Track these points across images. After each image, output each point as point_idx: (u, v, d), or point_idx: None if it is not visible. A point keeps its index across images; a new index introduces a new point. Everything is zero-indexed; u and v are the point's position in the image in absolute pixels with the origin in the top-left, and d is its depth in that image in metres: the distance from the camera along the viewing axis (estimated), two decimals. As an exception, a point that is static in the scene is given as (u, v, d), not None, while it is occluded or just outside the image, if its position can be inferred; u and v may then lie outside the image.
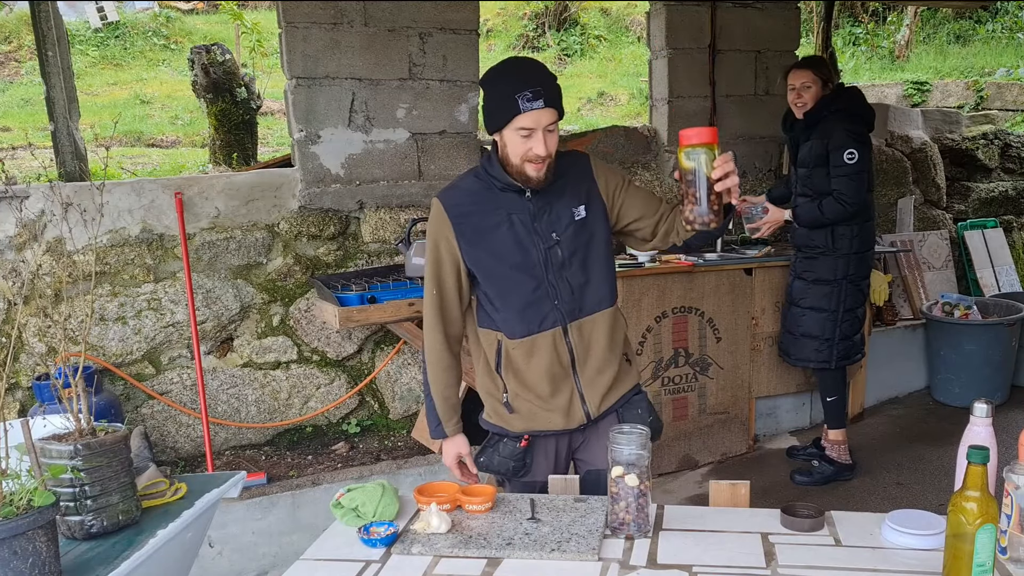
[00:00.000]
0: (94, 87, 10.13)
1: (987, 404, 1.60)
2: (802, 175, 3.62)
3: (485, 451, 2.16)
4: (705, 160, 1.67)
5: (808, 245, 3.68)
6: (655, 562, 1.58)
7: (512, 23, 12.64)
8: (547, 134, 1.90)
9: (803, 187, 3.62)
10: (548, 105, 1.87)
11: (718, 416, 4.10)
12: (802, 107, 3.57)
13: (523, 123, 1.87)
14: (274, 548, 3.32)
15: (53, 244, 3.38)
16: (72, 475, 1.60)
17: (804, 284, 3.73)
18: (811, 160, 3.55)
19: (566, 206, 2.01)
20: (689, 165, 1.68)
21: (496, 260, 2.00)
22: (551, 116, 1.89)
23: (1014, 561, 1.49)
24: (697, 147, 1.67)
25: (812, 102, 3.54)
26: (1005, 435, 1.93)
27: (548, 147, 1.90)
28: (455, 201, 2.04)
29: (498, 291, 2.03)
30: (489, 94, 1.95)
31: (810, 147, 3.55)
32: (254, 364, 3.79)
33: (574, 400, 2.06)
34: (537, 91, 1.85)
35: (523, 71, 1.91)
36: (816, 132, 3.53)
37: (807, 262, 3.70)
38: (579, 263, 2.02)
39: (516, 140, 1.91)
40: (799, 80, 3.56)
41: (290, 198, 3.75)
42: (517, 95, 1.85)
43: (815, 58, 3.80)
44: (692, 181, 1.69)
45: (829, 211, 3.51)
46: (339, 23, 3.71)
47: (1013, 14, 10.91)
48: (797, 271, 3.78)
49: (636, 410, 2.14)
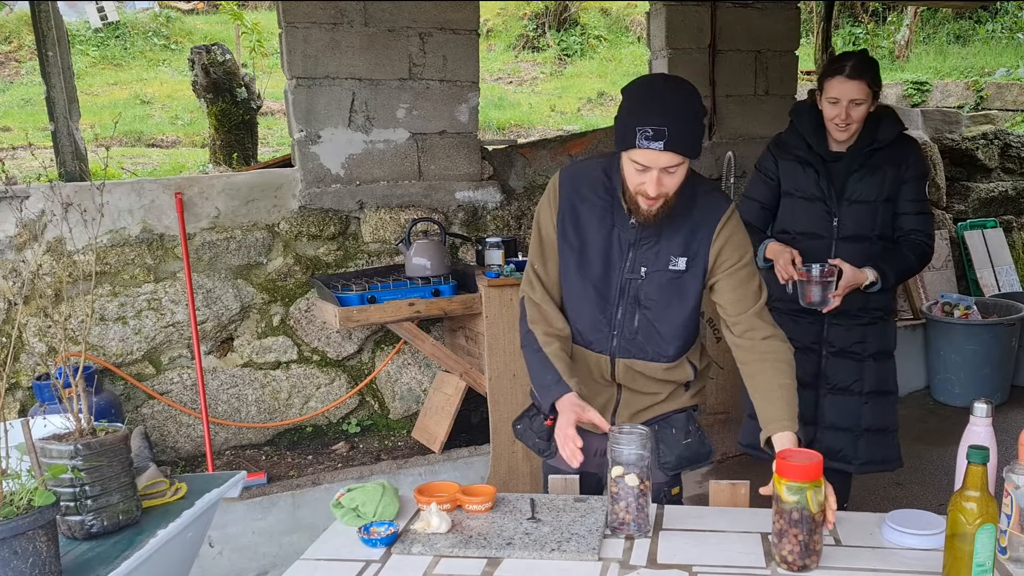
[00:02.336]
0: (94, 87, 10.14)
1: (987, 404, 1.60)
2: (853, 213, 2.68)
3: (522, 419, 2.13)
4: (811, 496, 1.49)
5: (866, 308, 2.73)
6: (655, 562, 1.58)
7: (512, 23, 12.65)
8: (664, 174, 1.74)
9: (854, 228, 2.69)
10: (668, 148, 1.69)
11: (718, 416, 4.09)
12: (848, 129, 2.59)
13: (638, 158, 1.74)
14: (274, 548, 3.32)
15: (53, 244, 3.38)
16: (72, 475, 1.60)
17: (855, 363, 2.78)
18: (877, 193, 2.66)
19: (669, 250, 1.88)
20: (791, 500, 1.50)
21: (578, 261, 1.93)
22: (671, 160, 1.72)
23: (1014, 561, 1.49)
24: (804, 484, 1.49)
25: (861, 124, 2.61)
26: (1005, 435, 1.93)
27: (662, 188, 1.76)
28: (574, 182, 1.93)
29: (568, 291, 1.97)
30: (620, 112, 1.80)
31: (881, 177, 2.65)
32: (254, 364, 3.79)
33: (608, 407, 2.02)
34: (660, 131, 1.68)
35: (653, 102, 1.73)
36: (880, 158, 2.65)
37: (861, 331, 2.76)
38: (656, 310, 1.92)
39: (631, 169, 1.78)
40: (849, 93, 2.53)
41: (290, 198, 3.75)
42: (638, 128, 1.70)
43: (866, 60, 2.60)
44: (798, 520, 1.51)
45: (919, 260, 2.69)
46: (339, 23, 3.71)
47: (1013, 14, 10.91)
48: (839, 345, 2.77)
49: (671, 429, 2.02)
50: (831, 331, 2.75)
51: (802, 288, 2.58)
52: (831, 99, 2.56)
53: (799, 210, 2.73)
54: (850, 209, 2.68)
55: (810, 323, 2.75)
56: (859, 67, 2.53)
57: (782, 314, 2.58)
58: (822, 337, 2.76)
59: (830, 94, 2.56)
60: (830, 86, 2.56)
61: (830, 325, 2.74)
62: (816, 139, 2.68)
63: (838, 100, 2.54)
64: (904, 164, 2.66)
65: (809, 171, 2.70)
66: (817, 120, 2.68)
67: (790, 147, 2.75)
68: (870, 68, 2.56)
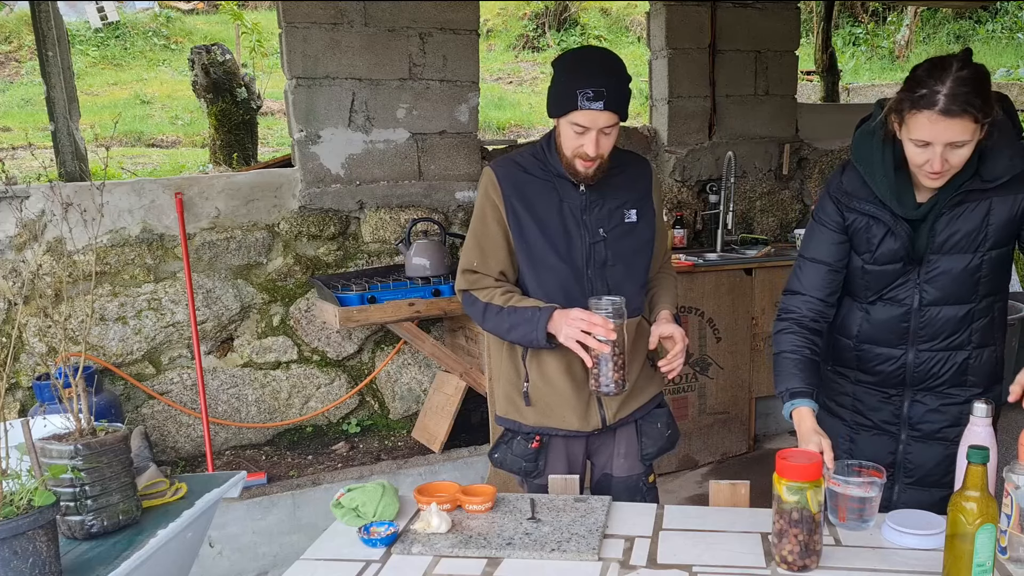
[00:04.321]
0: (94, 87, 10.14)
1: (987, 404, 1.60)
2: (946, 265, 1.85)
3: (499, 447, 2.15)
4: (811, 496, 1.49)
5: (964, 384, 1.97)
6: (655, 562, 1.58)
7: (512, 23, 12.65)
8: (601, 135, 1.86)
9: (945, 287, 1.88)
10: (608, 108, 1.82)
11: (718, 416, 4.10)
12: (944, 178, 1.73)
13: (578, 119, 1.84)
14: (274, 548, 3.32)
15: (53, 244, 3.38)
16: (72, 475, 1.60)
17: (943, 450, 1.98)
18: (983, 242, 1.83)
19: (618, 206, 1.99)
20: (791, 500, 1.50)
21: (541, 244, 1.98)
22: (609, 119, 1.85)
23: (1014, 561, 1.49)
24: (804, 484, 1.48)
25: (962, 167, 1.72)
26: (1005, 435, 1.93)
27: (600, 148, 1.87)
28: (509, 174, 1.99)
29: (536, 274, 2.00)
30: (555, 78, 1.90)
31: (986, 210, 1.80)
32: (254, 364, 3.79)
33: (592, 402, 2.05)
34: (599, 91, 1.80)
35: (591, 66, 1.85)
36: (990, 192, 1.79)
37: (956, 412, 1.96)
38: (622, 265, 2.01)
39: (570, 134, 1.88)
40: (946, 136, 1.64)
41: (290, 198, 3.75)
42: (578, 90, 1.81)
43: (972, 82, 1.62)
44: (798, 520, 1.50)
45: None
46: (339, 23, 3.71)
47: (1013, 14, 10.91)
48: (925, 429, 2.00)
49: (656, 424, 2.13)
50: (913, 409, 1.99)
51: (832, 502, 1.71)
52: (918, 141, 1.68)
53: (872, 276, 1.92)
54: (942, 262, 1.85)
55: (886, 399, 2.01)
56: (962, 96, 1.60)
57: (851, 383, 2.05)
58: (901, 417, 2.01)
59: (916, 135, 1.67)
60: (916, 123, 1.66)
61: (912, 402, 1.99)
62: (894, 197, 1.82)
63: (928, 144, 1.67)
64: (1022, 192, 1.79)
65: (883, 229, 1.87)
66: (896, 158, 1.80)
67: (856, 199, 1.89)
68: (978, 91, 1.62)
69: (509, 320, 1.95)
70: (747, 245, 4.58)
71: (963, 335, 1.92)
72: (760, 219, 4.93)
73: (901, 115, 1.71)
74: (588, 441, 2.13)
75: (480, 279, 2.02)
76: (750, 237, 4.72)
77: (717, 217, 4.50)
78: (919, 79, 1.67)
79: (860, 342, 1.99)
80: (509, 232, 1.98)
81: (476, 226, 2.02)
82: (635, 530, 1.72)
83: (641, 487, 2.14)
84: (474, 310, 2.03)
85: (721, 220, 4.42)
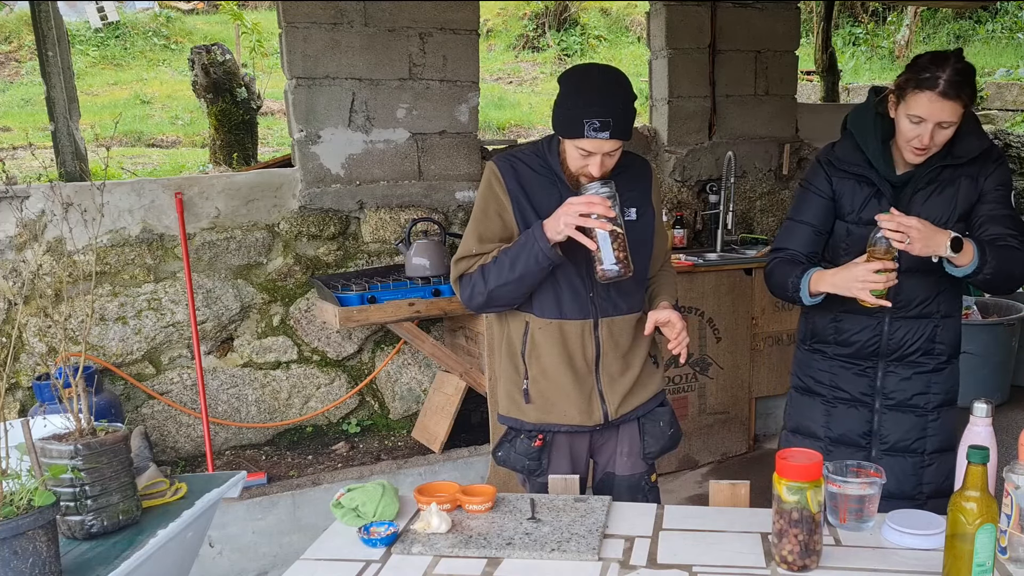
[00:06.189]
0: (94, 87, 10.14)
1: (987, 404, 1.60)
2: None
3: (502, 446, 2.16)
4: (811, 496, 1.49)
5: (931, 353, 2.22)
6: (655, 562, 1.58)
7: (512, 23, 12.64)
8: (606, 157, 1.90)
9: (918, 258, 2.07)
10: (613, 137, 1.86)
11: (718, 416, 4.10)
12: (926, 154, 2.05)
13: (584, 146, 1.88)
14: (274, 548, 3.32)
15: (53, 244, 3.38)
16: (72, 475, 1.60)
17: (916, 419, 2.24)
18: (948, 213, 2.12)
19: (620, 205, 1.99)
20: (791, 500, 1.50)
21: None
22: (614, 145, 1.89)
23: (1014, 561, 1.49)
24: (804, 484, 1.49)
25: (941, 147, 2.06)
26: (1005, 435, 1.93)
27: (604, 168, 1.91)
28: (511, 169, 2.02)
29: None
30: (561, 101, 1.91)
31: (952, 193, 2.11)
32: (254, 364, 3.79)
33: (593, 397, 2.06)
34: (606, 123, 1.83)
35: (599, 95, 1.86)
36: (952, 172, 2.11)
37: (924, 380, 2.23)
38: None
39: (575, 155, 1.92)
40: (939, 115, 1.96)
41: (290, 198, 3.75)
42: (585, 120, 1.83)
43: (966, 72, 1.98)
44: (798, 520, 1.50)
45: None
46: (339, 23, 3.71)
47: (1013, 14, 10.92)
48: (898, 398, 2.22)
49: (659, 422, 2.15)
50: (886, 380, 2.20)
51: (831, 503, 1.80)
52: (913, 117, 1.98)
53: (854, 238, 2.16)
54: None
55: (861, 371, 2.22)
56: (957, 83, 1.93)
57: (827, 359, 2.26)
58: (875, 388, 2.21)
59: (914, 111, 1.97)
60: (916, 101, 1.97)
61: (885, 373, 2.20)
62: (882, 161, 2.11)
63: (923, 120, 1.97)
64: (981, 175, 2.10)
65: (868, 191, 2.15)
66: (883, 132, 2.11)
67: (847, 164, 2.17)
68: (968, 82, 1.97)
69: (507, 259, 1.95)
70: (747, 245, 4.58)
71: (931, 304, 2.16)
72: (760, 219, 4.93)
73: (903, 93, 2.00)
74: (591, 439, 2.14)
75: (475, 262, 2.03)
76: (750, 237, 4.72)
77: (717, 217, 4.50)
78: (923, 65, 1.98)
79: (841, 312, 2.19)
80: (514, 225, 2.00)
81: (477, 217, 2.04)
82: (635, 530, 1.72)
83: (643, 486, 2.15)
84: (472, 284, 2.02)
85: (721, 220, 4.43)
